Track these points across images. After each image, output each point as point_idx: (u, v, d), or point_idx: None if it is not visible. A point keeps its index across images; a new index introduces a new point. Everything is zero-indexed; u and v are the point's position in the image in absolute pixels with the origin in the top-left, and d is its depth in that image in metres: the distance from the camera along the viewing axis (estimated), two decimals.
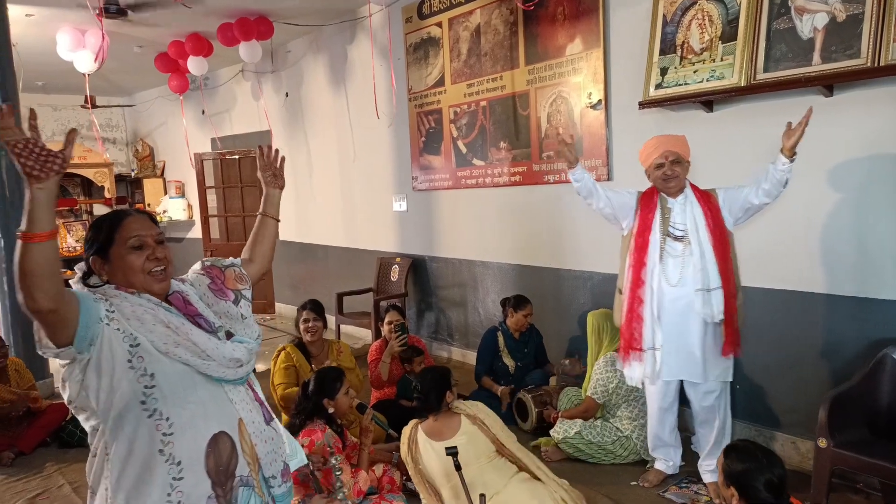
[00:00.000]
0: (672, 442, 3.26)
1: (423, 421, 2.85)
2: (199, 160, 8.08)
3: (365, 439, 2.92)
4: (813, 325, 3.34)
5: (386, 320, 4.21)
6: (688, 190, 3.01)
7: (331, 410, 2.91)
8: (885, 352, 2.97)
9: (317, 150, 6.91)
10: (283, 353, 3.80)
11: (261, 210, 2.04)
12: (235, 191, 7.96)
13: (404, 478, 3.17)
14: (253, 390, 1.72)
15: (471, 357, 5.18)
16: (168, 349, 1.51)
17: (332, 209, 6.78)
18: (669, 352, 2.98)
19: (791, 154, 2.73)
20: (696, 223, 2.93)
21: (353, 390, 3.19)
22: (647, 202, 3.05)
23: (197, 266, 1.81)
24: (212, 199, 8.19)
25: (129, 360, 1.47)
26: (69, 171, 8.22)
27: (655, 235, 2.96)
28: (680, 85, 3.65)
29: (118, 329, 1.48)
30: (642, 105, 3.81)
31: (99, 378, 1.46)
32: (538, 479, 2.74)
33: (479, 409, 2.87)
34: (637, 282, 2.99)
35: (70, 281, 1.57)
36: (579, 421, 3.63)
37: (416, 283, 5.85)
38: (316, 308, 3.91)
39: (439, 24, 5.26)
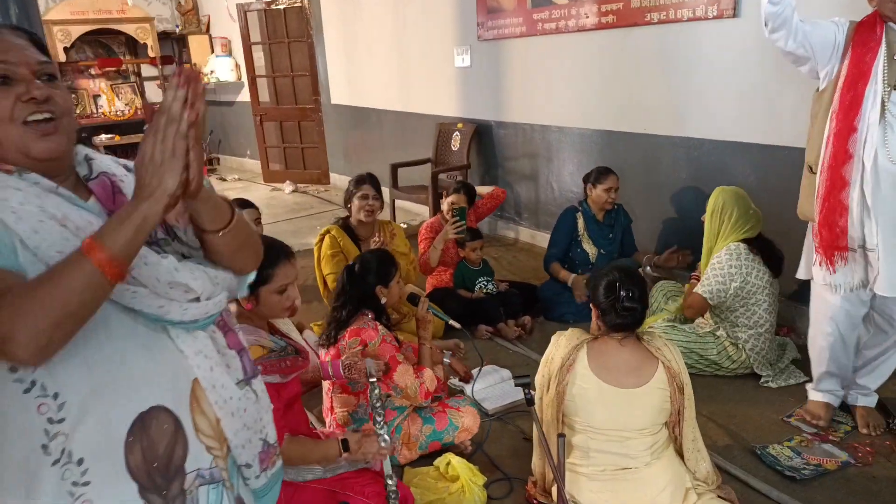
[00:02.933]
0: (849, 368, 2.49)
1: (597, 338, 1.94)
2: (243, 12, 7.25)
3: (424, 332, 2.35)
4: None
5: (449, 199, 3.52)
6: None
7: (383, 300, 2.34)
8: None
9: None
10: (327, 237, 3.19)
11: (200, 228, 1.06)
12: (283, 47, 7.16)
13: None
14: (227, 332, 1.08)
15: (541, 239, 4.48)
16: None
17: (386, 67, 5.92)
18: (889, 256, 2.14)
19: None
20: None
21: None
22: (863, 37, 2.10)
23: None
24: (258, 56, 7.43)
25: None
26: (111, 27, 7.61)
27: (875, 87, 2.06)
28: None
29: None
30: None
31: None
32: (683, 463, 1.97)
33: (678, 356, 1.90)
34: (841, 155, 2.11)
35: None
36: (671, 323, 2.95)
37: (480, 152, 5.06)
38: (374, 183, 3.25)
39: None
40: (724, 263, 2.75)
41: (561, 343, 1.96)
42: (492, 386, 2.80)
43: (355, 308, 2.27)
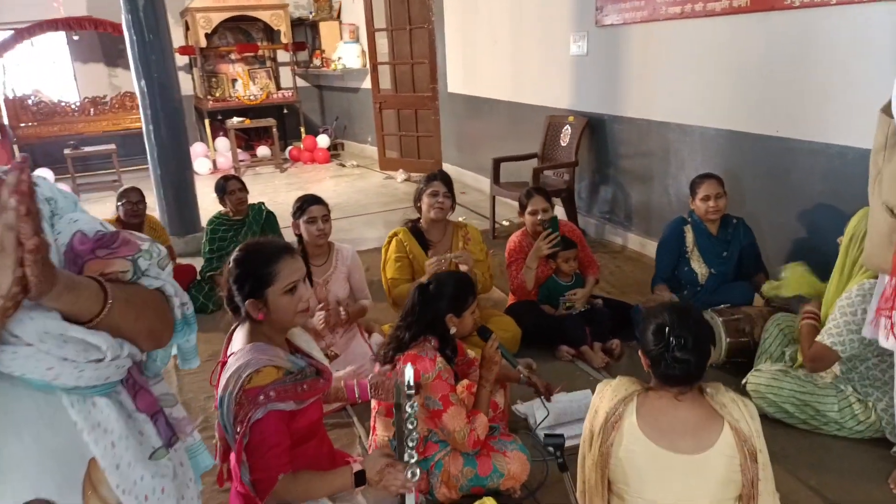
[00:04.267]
0: None
1: (648, 391, 1.62)
2: None
3: (487, 373, 2.09)
4: None
5: (528, 209, 3.20)
6: None
7: (453, 330, 2.12)
8: None
9: None
10: (394, 240, 3.04)
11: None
12: (404, 34, 7.09)
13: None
14: (137, 392, 0.93)
15: (650, 248, 4.04)
16: None
17: (501, 54, 5.64)
18: None
19: None
20: None
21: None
22: None
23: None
24: (381, 43, 7.43)
25: None
26: (248, 13, 7.96)
27: None
28: None
29: None
30: None
31: None
32: None
33: (750, 415, 1.54)
34: None
35: None
36: (780, 367, 2.48)
37: (591, 148, 4.66)
38: (446, 180, 3.06)
39: None
40: (855, 305, 2.25)
41: (606, 394, 1.64)
42: (560, 424, 2.49)
43: (420, 331, 2.07)
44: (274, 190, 6.92)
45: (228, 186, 3.74)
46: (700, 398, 1.56)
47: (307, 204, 2.83)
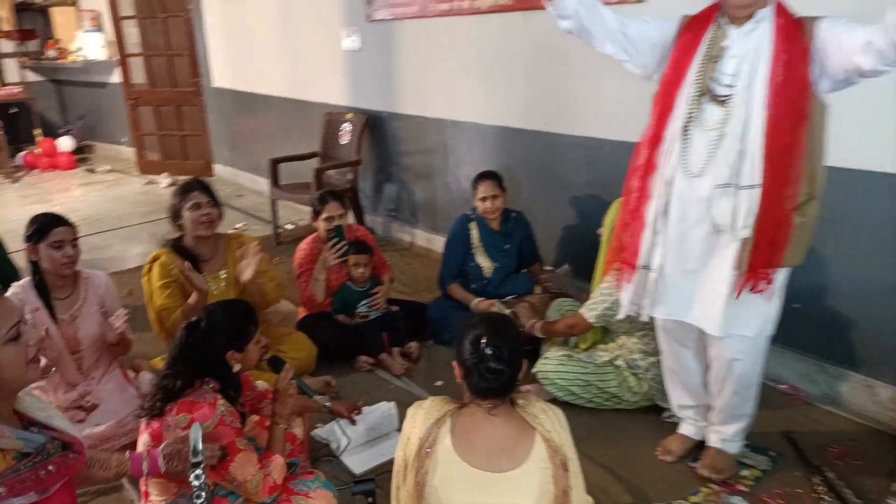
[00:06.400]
0: (701, 397, 2.23)
1: (461, 408, 1.54)
2: None
3: (281, 408, 1.85)
4: None
5: (323, 215, 3.01)
6: (765, 12, 1.73)
7: (236, 368, 1.84)
8: None
9: None
10: (155, 265, 2.60)
11: None
12: (158, 23, 6.36)
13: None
14: None
15: (437, 244, 4.07)
16: None
17: (271, 47, 5.31)
18: (673, 278, 1.93)
19: None
20: (754, 74, 1.71)
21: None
22: (689, 37, 1.83)
23: None
24: (131, 32, 6.60)
25: None
26: None
27: (686, 92, 1.81)
28: None
29: None
30: None
31: None
32: None
33: (560, 423, 1.54)
34: (648, 166, 1.91)
35: None
36: (565, 352, 2.63)
37: (373, 146, 4.58)
38: (205, 189, 2.68)
39: None
40: (611, 283, 2.43)
41: (419, 418, 1.55)
42: (365, 442, 2.37)
43: (195, 376, 1.76)
44: (3, 205, 5.81)
45: None
46: (512, 411, 1.52)
47: (49, 225, 2.30)
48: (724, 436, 2.17)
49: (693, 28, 1.84)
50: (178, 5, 6.17)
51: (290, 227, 4.84)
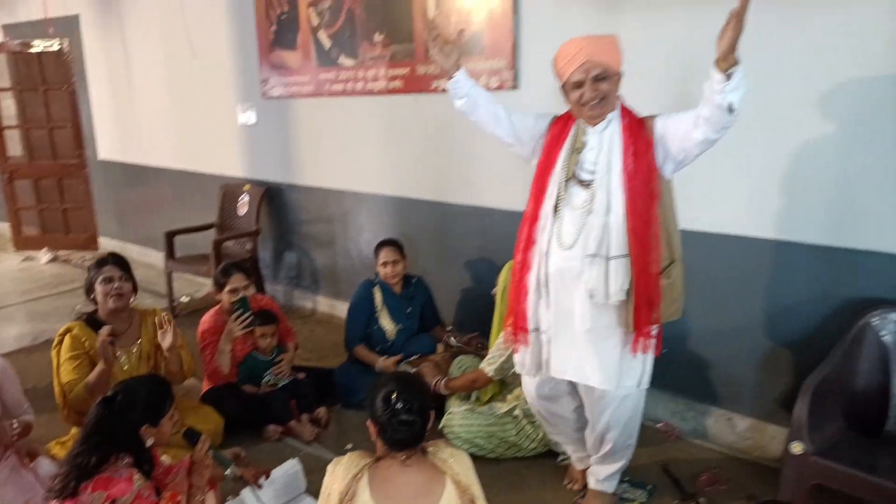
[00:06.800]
0: (580, 445, 2.48)
1: (378, 460, 1.69)
2: None
3: (199, 480, 1.88)
4: (761, 279, 2.64)
5: (228, 287, 3.07)
6: (614, 114, 2.08)
7: (150, 442, 1.86)
8: (866, 321, 2.31)
9: (139, 41, 5.33)
10: (67, 337, 2.58)
11: None
12: (38, 95, 6.19)
13: None
14: None
15: (340, 309, 4.19)
16: None
17: (164, 121, 5.33)
18: (563, 340, 2.16)
19: (727, 64, 1.73)
20: (611, 162, 2.04)
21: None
22: (557, 131, 2.16)
23: None
24: (7, 104, 6.35)
25: None
26: None
27: (556, 177, 2.11)
28: None
29: None
30: None
31: None
32: None
33: (466, 465, 1.72)
34: (528, 241, 2.17)
35: None
36: (468, 406, 2.83)
37: (272, 216, 4.68)
38: (119, 262, 2.72)
39: None
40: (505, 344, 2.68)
41: (338, 474, 1.67)
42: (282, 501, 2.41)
43: (110, 451, 1.78)
44: None
45: None
46: (424, 459, 1.68)
47: None
48: (603, 477, 2.39)
49: (560, 124, 2.16)
50: (60, 77, 6.05)
51: (186, 299, 4.77)
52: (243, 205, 4.63)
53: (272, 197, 4.61)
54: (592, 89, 1.98)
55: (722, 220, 2.70)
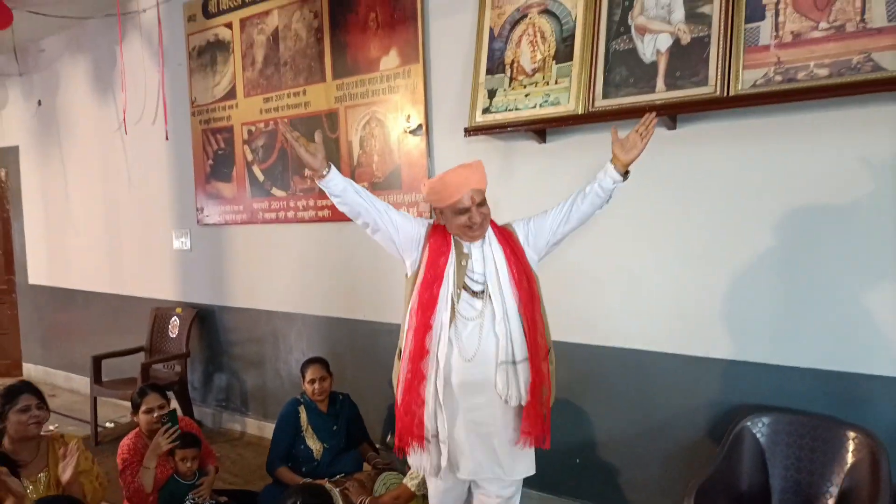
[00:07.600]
0: None
1: None
2: None
3: None
4: (663, 389, 2.91)
5: (143, 408, 3.11)
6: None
7: None
8: (743, 424, 2.58)
9: (76, 170, 5.54)
10: None
11: None
12: None
13: None
14: None
15: (268, 431, 4.19)
16: None
17: (96, 245, 5.43)
18: (465, 444, 2.27)
19: (625, 168, 2.14)
20: (498, 272, 2.22)
21: None
22: (439, 241, 2.25)
23: None
24: None
25: None
26: None
27: (447, 289, 2.19)
28: (510, 110, 3.11)
29: None
30: (468, 132, 3.22)
31: None
32: None
33: None
34: (419, 351, 2.19)
35: None
36: None
37: (203, 338, 4.75)
38: (34, 391, 2.74)
39: (229, 25, 4.33)
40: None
41: None
42: None
43: None
44: None
45: None
46: None
47: None
48: None
49: (439, 236, 2.23)
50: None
51: (110, 425, 4.68)
52: (174, 327, 4.70)
53: (204, 319, 4.71)
54: (479, 214, 2.18)
55: (626, 336, 2.99)
